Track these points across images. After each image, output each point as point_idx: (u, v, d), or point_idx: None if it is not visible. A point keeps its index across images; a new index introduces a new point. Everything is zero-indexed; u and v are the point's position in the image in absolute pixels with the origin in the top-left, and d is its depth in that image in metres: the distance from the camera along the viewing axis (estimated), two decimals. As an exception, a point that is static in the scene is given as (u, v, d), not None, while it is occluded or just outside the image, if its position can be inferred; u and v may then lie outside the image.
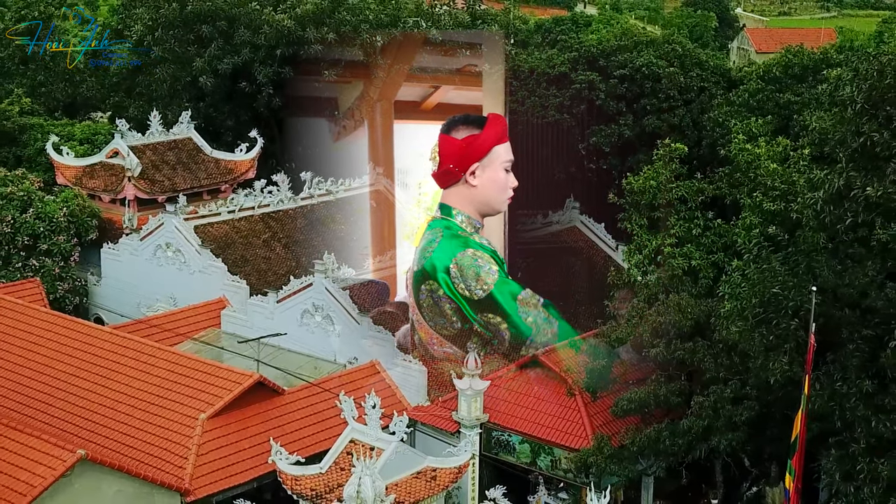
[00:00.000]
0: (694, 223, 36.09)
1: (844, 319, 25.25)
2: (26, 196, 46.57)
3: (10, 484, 28.45)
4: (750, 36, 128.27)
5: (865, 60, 24.46)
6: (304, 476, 27.66)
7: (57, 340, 36.86)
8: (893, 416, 24.32)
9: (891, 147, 23.33)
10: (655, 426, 31.38)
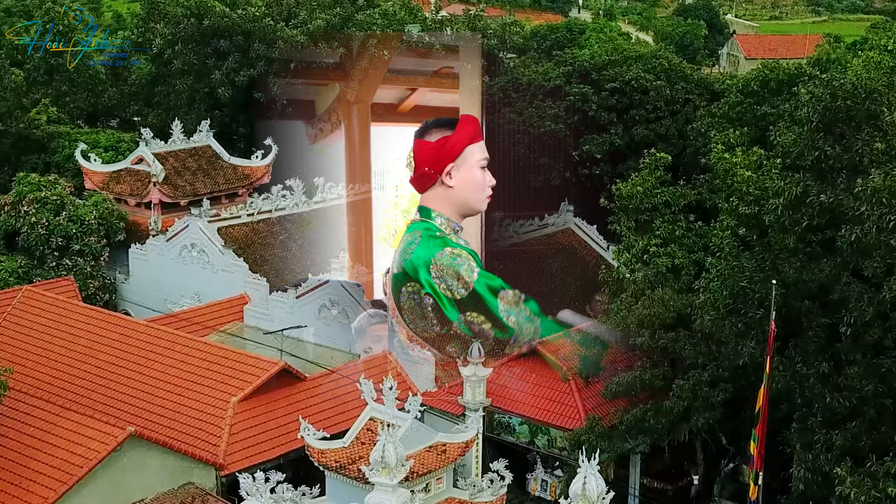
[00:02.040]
0: (677, 225, 39.85)
1: (805, 310, 28.90)
2: (59, 200, 49.95)
3: (68, 458, 31.97)
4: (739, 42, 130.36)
5: (820, 85, 28.08)
6: (329, 449, 30.94)
7: (97, 333, 40.31)
8: (846, 394, 27.95)
9: (842, 160, 26.98)
10: (641, 407, 34.98)
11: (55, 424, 32.99)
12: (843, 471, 25.82)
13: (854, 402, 27.80)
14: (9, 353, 39.11)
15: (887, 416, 27.37)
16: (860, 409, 27.83)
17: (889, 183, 24.58)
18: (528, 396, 38.75)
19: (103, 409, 35.83)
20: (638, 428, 35.34)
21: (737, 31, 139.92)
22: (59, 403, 34.08)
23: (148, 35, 63.27)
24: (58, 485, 31.23)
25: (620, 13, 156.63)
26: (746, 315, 29.34)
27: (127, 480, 32.60)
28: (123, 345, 39.35)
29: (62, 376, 38.05)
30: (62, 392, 36.83)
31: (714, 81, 54.84)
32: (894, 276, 25.21)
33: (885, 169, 25.24)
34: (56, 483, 31.31)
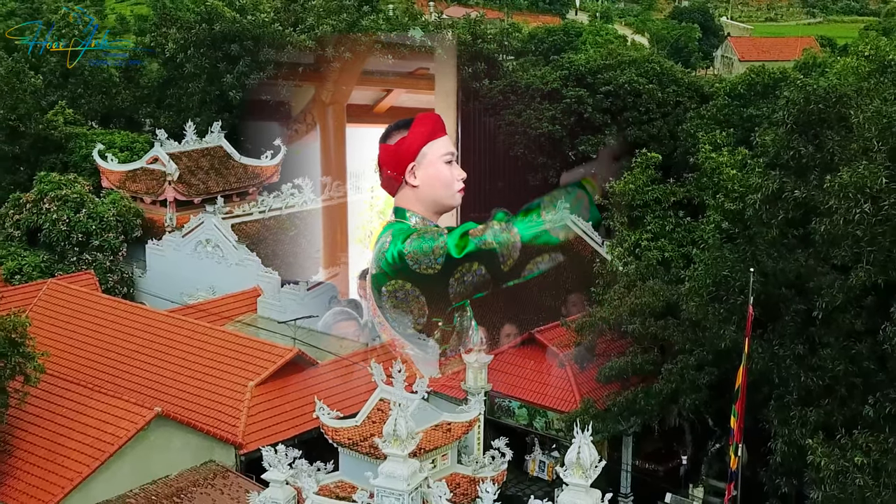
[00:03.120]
0: (667, 221, 42.38)
1: (782, 297, 31.37)
2: (79, 198, 52.30)
3: (99, 436, 34.36)
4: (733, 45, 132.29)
5: (795, 89, 30.54)
6: (342, 428, 33.32)
7: (120, 322, 42.65)
8: (820, 374, 30.41)
9: (815, 159, 29.44)
10: (632, 390, 37.44)
11: (86, 405, 35.37)
12: (816, 443, 28.27)
13: (827, 381, 30.24)
14: (38, 341, 41.43)
15: (857, 394, 29.80)
16: (832, 388, 30.28)
17: (855, 179, 27.04)
18: (526, 382, 41.19)
19: (129, 392, 38.19)
20: (630, 409, 37.78)
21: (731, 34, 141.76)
22: (89, 386, 36.49)
23: (160, 39, 65.56)
24: (91, 460, 33.57)
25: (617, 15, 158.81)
26: (728, 301, 31.83)
27: (153, 457, 34.97)
28: (146, 333, 41.68)
29: (89, 362, 40.34)
30: (90, 376, 39.08)
31: (703, 85, 57.32)
32: (861, 263, 27.67)
33: (853, 167, 27.70)
34: (89, 459, 33.65)
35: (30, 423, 34.96)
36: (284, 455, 30.65)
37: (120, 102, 67.78)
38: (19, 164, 59.38)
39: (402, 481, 28.50)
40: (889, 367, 28.71)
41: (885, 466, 27.96)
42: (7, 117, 58.12)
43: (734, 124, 46.57)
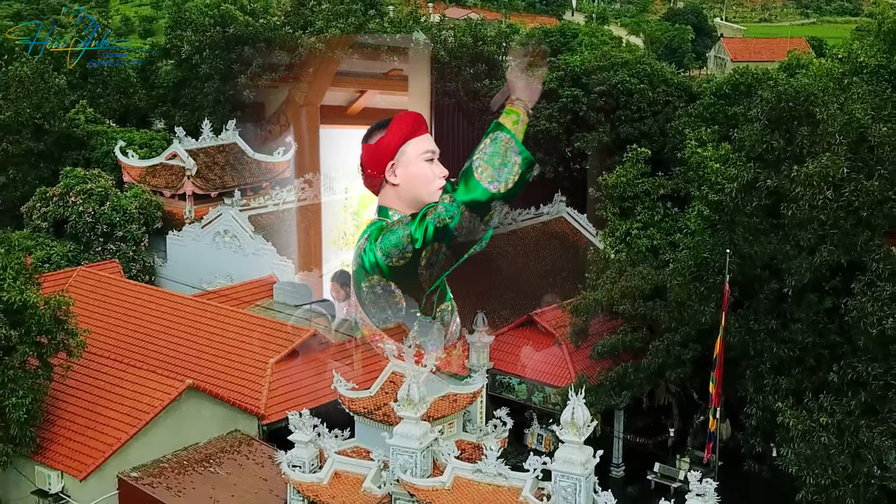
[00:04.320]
0: (655, 211, 45.67)
1: (756, 277, 34.65)
2: (103, 191, 55.49)
3: (136, 406, 37.53)
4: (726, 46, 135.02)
5: (768, 89, 33.81)
6: (358, 398, 36.45)
7: (148, 305, 45.82)
8: (790, 345, 33.69)
9: (786, 151, 32.70)
10: (623, 365, 40.71)
11: (123, 379, 38.58)
12: (786, 406, 31.55)
13: (797, 353, 33.55)
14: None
15: (824, 363, 33.08)
16: (802, 358, 33.58)
17: (819, 169, 30.30)
18: (525, 360, 44.46)
19: (160, 368, 41.33)
20: (620, 384, 41.06)
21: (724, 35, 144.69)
22: (125, 362, 39.70)
23: (175, 41, 68.74)
24: (128, 428, 36.73)
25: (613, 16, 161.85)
26: (708, 281, 35.14)
27: (185, 426, 38.13)
28: (172, 316, 44.84)
29: (122, 341, 43.37)
30: (124, 353, 42.13)
31: (692, 84, 60.55)
32: (825, 244, 30.94)
33: (818, 158, 30.97)
34: (126, 427, 36.80)
35: (71, 395, 38.15)
36: (308, 419, 33.91)
37: (137, 102, 70.93)
38: (43, 160, 62.44)
39: (414, 440, 31.82)
40: (852, 338, 31.93)
41: (847, 427, 31.22)
42: (33, 115, 61.21)
43: (719, 122, 49.69)
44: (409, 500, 31.65)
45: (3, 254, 35.68)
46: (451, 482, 31.59)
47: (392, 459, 31.99)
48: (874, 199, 30.51)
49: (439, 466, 32.24)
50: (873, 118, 31.21)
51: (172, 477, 36.79)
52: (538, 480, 31.18)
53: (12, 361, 35.41)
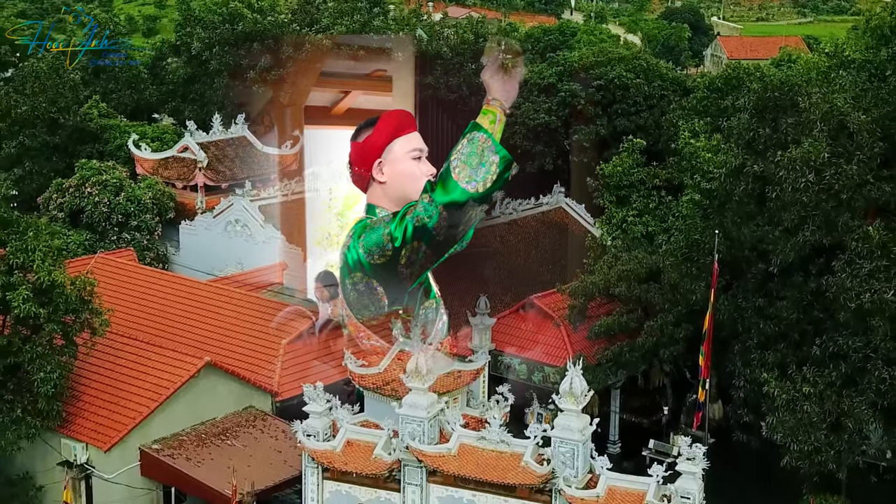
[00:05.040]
0: (650, 199, 47.76)
1: (744, 258, 36.72)
2: (118, 183, 57.48)
3: (157, 381, 39.53)
4: (722, 44, 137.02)
5: (753, 79, 35.88)
6: (367, 374, 38.39)
7: (165, 289, 47.85)
8: (776, 322, 35.74)
9: (771, 139, 34.76)
10: (619, 344, 42.76)
11: (144, 357, 40.59)
12: (770, 377, 33.61)
13: (782, 328, 35.61)
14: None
15: (807, 338, 35.13)
16: (787, 334, 35.63)
17: (801, 154, 32.36)
18: (525, 341, 46.48)
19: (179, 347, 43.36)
20: (616, 363, 43.10)
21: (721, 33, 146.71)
22: (145, 341, 41.73)
23: (185, 38, 70.77)
24: (150, 403, 38.73)
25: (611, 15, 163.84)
26: (698, 261, 37.19)
27: (202, 402, 40.16)
28: (189, 299, 46.83)
29: (141, 323, 45.16)
30: (145, 334, 44.12)
31: (686, 79, 62.65)
32: (807, 224, 33.01)
33: (802, 145, 33.03)
34: (148, 402, 38.81)
35: (95, 372, 40.13)
36: (322, 391, 35.92)
37: (147, 97, 72.94)
38: (58, 153, 64.34)
39: (422, 410, 33.84)
40: (834, 314, 33.98)
41: (829, 396, 33.29)
42: (48, 110, 63.16)
43: (712, 114, 51.67)
44: (418, 465, 33.66)
45: (32, 237, 37.58)
46: (457, 448, 33.60)
47: (401, 428, 33.97)
48: (853, 183, 32.57)
49: (445, 435, 34.23)
50: (853, 107, 33.25)
51: (192, 449, 38.83)
52: (538, 447, 33.20)
53: (40, 339, 37.37)
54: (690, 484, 31.24)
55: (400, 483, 33.96)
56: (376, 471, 34.00)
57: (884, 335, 32.84)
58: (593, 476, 32.58)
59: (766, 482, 39.95)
